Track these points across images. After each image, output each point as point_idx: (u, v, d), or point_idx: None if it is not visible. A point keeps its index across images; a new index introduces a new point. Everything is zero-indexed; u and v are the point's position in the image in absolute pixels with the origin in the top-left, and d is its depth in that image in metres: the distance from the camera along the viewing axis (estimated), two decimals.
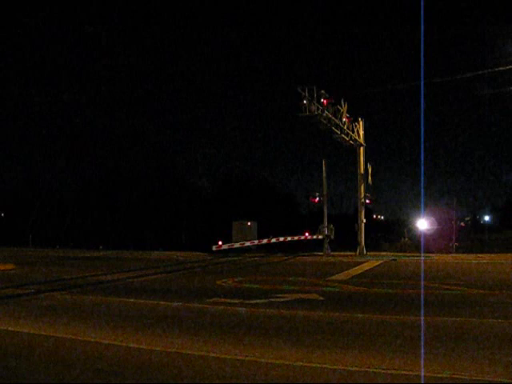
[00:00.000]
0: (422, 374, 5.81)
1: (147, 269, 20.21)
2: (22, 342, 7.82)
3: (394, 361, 6.41)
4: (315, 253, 28.88)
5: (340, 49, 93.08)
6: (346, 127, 27.00)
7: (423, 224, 32.10)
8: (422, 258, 23.89)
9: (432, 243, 29.80)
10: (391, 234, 43.84)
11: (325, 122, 24.93)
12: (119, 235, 41.93)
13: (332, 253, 28.38)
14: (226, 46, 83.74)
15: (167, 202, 47.48)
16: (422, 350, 6.68)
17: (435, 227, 33.66)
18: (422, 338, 7.36)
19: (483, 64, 21.50)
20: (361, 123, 29.37)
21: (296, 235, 29.04)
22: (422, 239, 29.19)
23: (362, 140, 29.22)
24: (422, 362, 6.18)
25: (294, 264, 24.40)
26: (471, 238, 36.92)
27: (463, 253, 28.29)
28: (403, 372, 5.97)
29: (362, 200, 29.36)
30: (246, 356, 6.74)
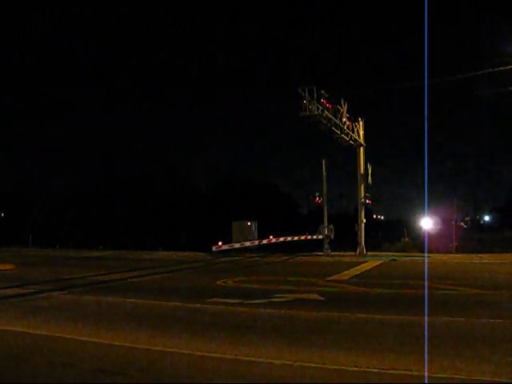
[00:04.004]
0: (426, 374, 5.80)
1: (147, 269, 20.18)
2: (22, 342, 7.82)
3: (394, 361, 6.40)
4: (315, 253, 28.85)
5: (340, 49, 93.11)
6: (346, 127, 26.97)
7: (427, 223, 31.94)
8: (426, 257, 23.82)
9: (433, 243, 29.72)
10: (391, 234, 43.81)
11: (325, 122, 24.90)
12: (119, 235, 41.91)
13: (332, 253, 28.33)
14: (226, 46, 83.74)
15: (167, 202, 47.48)
16: (426, 350, 6.67)
17: (439, 227, 33.56)
18: (425, 337, 7.34)
19: (483, 64, 21.41)
20: (361, 123, 29.33)
21: (296, 235, 29.03)
22: (425, 239, 29.08)
23: (362, 140, 29.19)
24: (426, 362, 6.16)
25: (293, 264, 24.38)
26: (472, 238, 36.88)
27: (463, 253, 28.26)
28: (403, 372, 5.97)
29: (362, 200, 29.33)
30: (246, 356, 6.73)
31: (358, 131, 28.86)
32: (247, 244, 27.67)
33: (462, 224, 43.71)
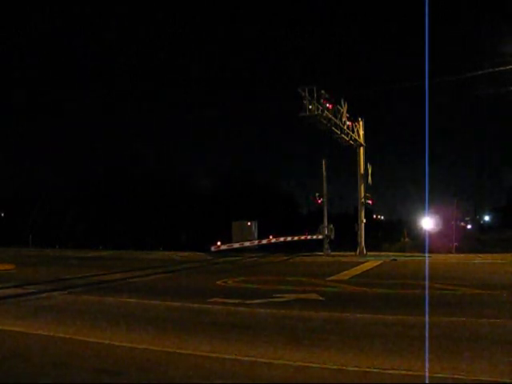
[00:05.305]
0: (426, 374, 5.80)
1: (147, 269, 20.18)
2: (22, 342, 7.81)
3: (394, 361, 6.40)
4: (315, 253, 28.85)
5: (340, 49, 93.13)
6: (346, 127, 26.97)
7: (428, 223, 31.92)
8: (427, 257, 23.80)
9: (434, 243, 29.71)
10: (391, 234, 43.84)
11: (325, 122, 24.90)
12: (119, 235, 41.91)
13: (332, 253, 28.34)
14: (226, 46, 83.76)
15: (167, 202, 47.47)
16: (426, 350, 6.66)
17: (439, 227, 33.58)
18: (426, 337, 7.33)
19: (483, 64, 21.40)
20: (361, 123, 29.33)
21: (296, 235, 29.03)
22: (426, 239, 29.07)
23: (362, 140, 29.19)
24: (426, 362, 6.16)
25: (293, 264, 24.38)
26: (472, 238, 36.90)
27: (464, 253, 28.25)
28: (403, 372, 5.96)
29: (362, 200, 29.32)
30: (246, 356, 6.73)
31: (358, 131, 28.85)
32: (247, 244, 27.67)
33: (463, 224, 43.75)
